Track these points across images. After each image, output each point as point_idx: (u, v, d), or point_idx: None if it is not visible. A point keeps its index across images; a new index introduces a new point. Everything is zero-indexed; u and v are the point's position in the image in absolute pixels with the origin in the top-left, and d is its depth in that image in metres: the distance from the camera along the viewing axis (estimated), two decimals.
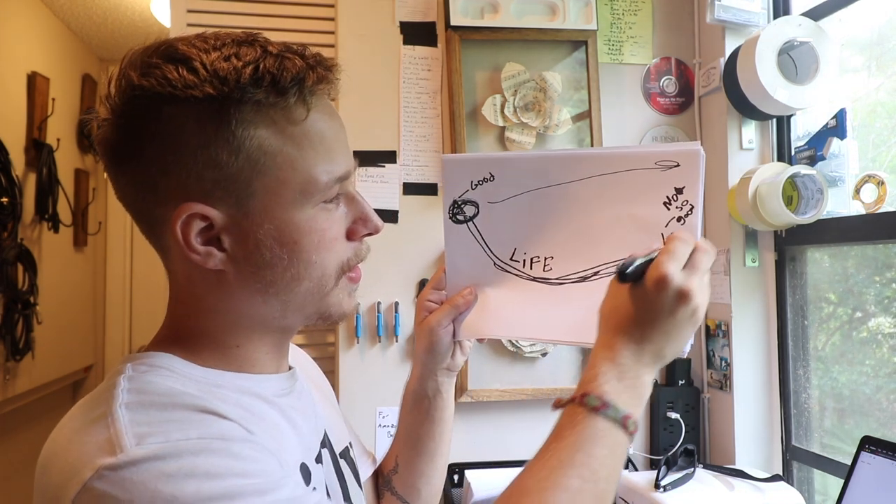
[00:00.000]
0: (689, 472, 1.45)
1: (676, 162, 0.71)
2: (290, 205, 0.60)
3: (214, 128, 0.57)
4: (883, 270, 1.43)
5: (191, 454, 0.51)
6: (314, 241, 0.61)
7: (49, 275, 2.93)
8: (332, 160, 0.62)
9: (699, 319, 0.64)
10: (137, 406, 0.54)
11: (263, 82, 0.57)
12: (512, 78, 1.68)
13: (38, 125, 2.86)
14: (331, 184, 0.62)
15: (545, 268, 0.77)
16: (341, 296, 0.66)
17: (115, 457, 0.50)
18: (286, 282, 0.61)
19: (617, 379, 0.61)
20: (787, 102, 1.48)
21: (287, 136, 0.59)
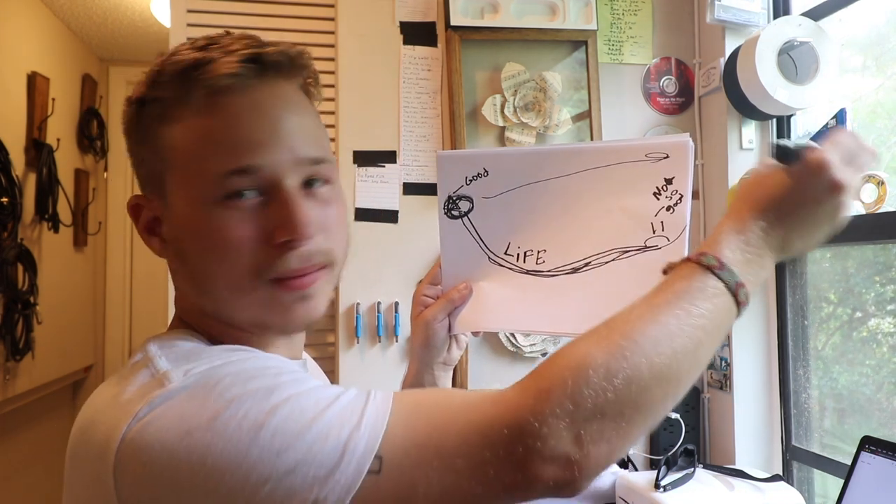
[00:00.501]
0: (689, 472, 1.45)
1: (666, 154, 0.72)
2: (195, 200, 0.59)
3: (136, 128, 0.63)
4: (883, 270, 1.43)
5: (234, 363, 0.54)
6: (214, 238, 0.59)
7: (49, 275, 2.93)
8: (234, 154, 0.58)
9: (839, 220, 0.62)
10: (175, 355, 0.56)
11: (165, 77, 0.60)
12: (512, 78, 1.68)
13: (38, 125, 2.86)
14: (224, 177, 0.58)
15: (538, 261, 0.79)
16: (271, 304, 0.60)
17: (164, 388, 0.51)
18: (202, 277, 0.61)
19: (741, 249, 0.59)
20: (787, 102, 1.48)
21: (192, 130, 0.59)
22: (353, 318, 1.62)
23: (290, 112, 0.61)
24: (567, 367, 0.52)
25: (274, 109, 0.60)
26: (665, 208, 0.72)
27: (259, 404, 0.50)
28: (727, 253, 0.58)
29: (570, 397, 0.50)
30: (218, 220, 0.58)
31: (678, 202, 0.72)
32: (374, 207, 1.65)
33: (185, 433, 0.49)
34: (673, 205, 0.72)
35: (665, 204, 0.72)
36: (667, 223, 0.73)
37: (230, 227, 0.58)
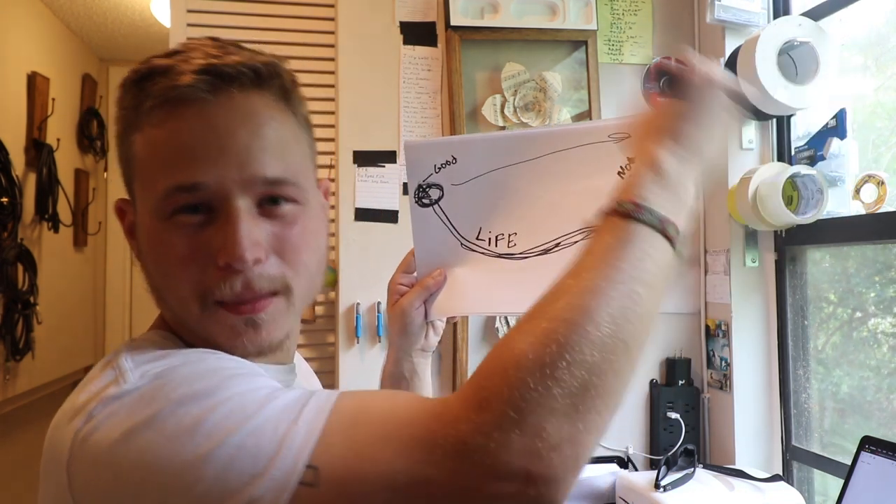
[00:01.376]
0: (689, 472, 1.45)
1: (628, 133, 0.73)
2: (150, 211, 0.57)
3: (117, 131, 0.61)
4: (883, 270, 1.43)
5: (191, 364, 0.52)
6: (163, 252, 0.57)
7: (49, 275, 2.93)
8: (178, 169, 0.55)
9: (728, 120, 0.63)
10: (139, 355, 0.55)
11: (130, 85, 0.59)
12: (512, 78, 1.67)
13: (38, 125, 2.86)
14: (169, 193, 0.55)
15: (509, 244, 0.80)
16: (217, 327, 0.57)
17: (119, 387, 0.51)
18: (156, 288, 0.60)
19: (656, 184, 0.56)
20: (787, 102, 1.47)
21: (147, 140, 0.57)
22: (353, 318, 1.62)
23: (247, 127, 0.56)
24: (500, 372, 0.46)
25: (226, 123, 0.56)
26: None
27: (200, 402, 0.49)
28: (641, 192, 0.55)
29: (511, 405, 0.44)
30: (166, 236, 0.56)
31: None
32: (374, 207, 1.65)
33: (128, 432, 0.48)
34: None
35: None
36: None
37: (175, 245, 0.56)
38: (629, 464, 1.69)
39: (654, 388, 1.71)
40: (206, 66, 0.56)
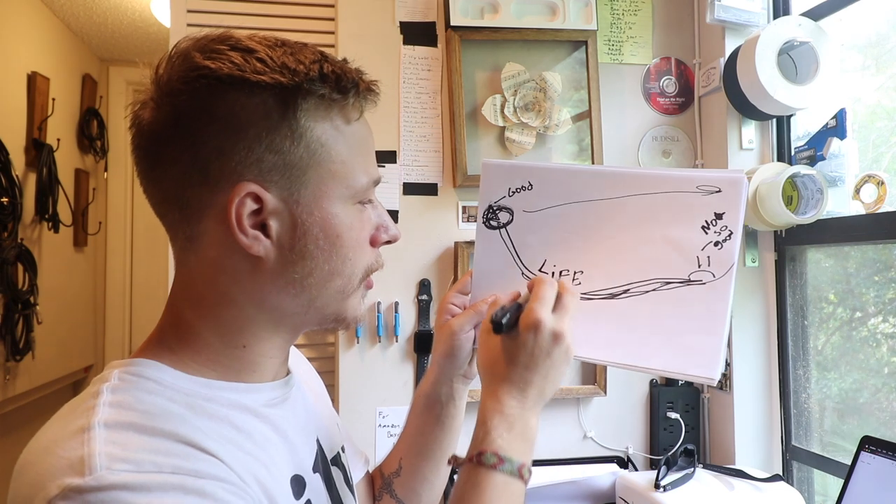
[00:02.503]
0: (689, 472, 1.45)
1: (718, 188, 0.71)
2: (337, 198, 0.62)
3: (280, 114, 0.59)
4: (883, 270, 1.43)
5: (160, 490, 0.50)
6: (353, 237, 0.64)
7: (49, 275, 2.93)
8: (370, 164, 0.66)
9: (571, 357, 0.68)
10: (116, 425, 0.53)
11: (329, 79, 0.61)
12: (512, 78, 1.68)
13: (38, 125, 2.86)
14: (369, 185, 0.65)
15: (574, 282, 0.77)
16: (356, 301, 0.68)
17: (82, 478, 0.49)
18: (322, 275, 0.63)
19: (507, 430, 0.65)
20: (787, 102, 1.48)
21: (341, 132, 0.63)
22: None
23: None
24: None
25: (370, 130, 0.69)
26: (713, 243, 0.71)
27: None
28: (500, 442, 0.64)
29: None
30: (358, 221, 0.64)
31: (727, 238, 0.71)
32: None
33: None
34: (721, 241, 0.71)
35: (713, 239, 0.71)
36: (713, 259, 0.71)
37: (363, 229, 0.65)
38: (629, 464, 1.69)
39: (654, 388, 1.71)
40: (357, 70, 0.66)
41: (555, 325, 0.66)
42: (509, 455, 0.64)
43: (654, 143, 1.77)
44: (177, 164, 0.59)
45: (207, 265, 0.62)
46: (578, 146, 1.72)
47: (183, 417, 0.56)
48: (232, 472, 0.55)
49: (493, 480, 0.63)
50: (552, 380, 0.68)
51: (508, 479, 0.63)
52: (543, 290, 0.68)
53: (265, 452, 0.61)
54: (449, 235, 1.67)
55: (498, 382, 0.67)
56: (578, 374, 1.71)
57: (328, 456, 0.75)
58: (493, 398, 0.67)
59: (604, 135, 1.71)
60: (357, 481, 0.88)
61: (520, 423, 0.66)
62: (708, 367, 0.68)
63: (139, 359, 0.61)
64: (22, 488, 0.52)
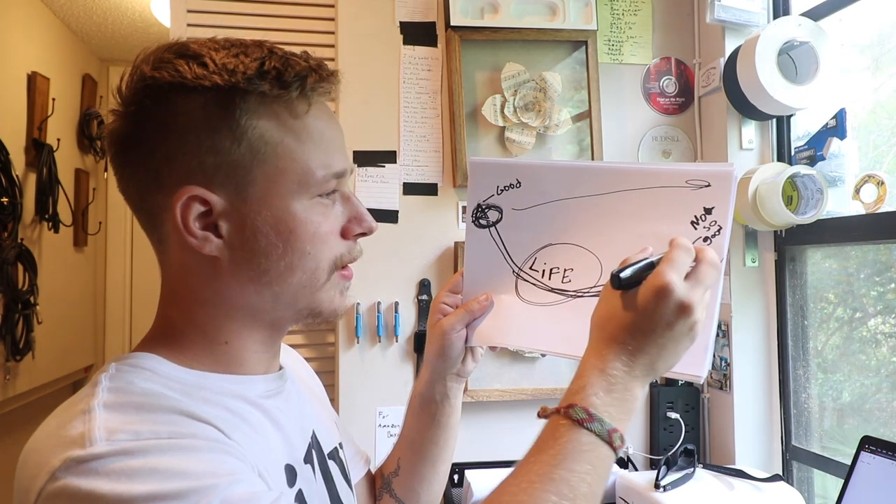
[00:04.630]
0: (689, 472, 1.45)
1: (708, 182, 0.69)
2: (287, 194, 0.62)
3: (220, 116, 0.60)
4: (883, 270, 1.43)
5: (158, 451, 0.51)
6: (309, 231, 0.63)
7: (49, 275, 2.93)
8: (330, 157, 0.64)
9: (696, 335, 0.61)
10: (115, 405, 0.55)
11: (268, 76, 0.60)
12: (512, 78, 1.68)
13: (38, 125, 2.86)
14: (327, 178, 0.64)
15: (564, 279, 0.76)
16: (333, 293, 0.66)
17: (84, 449, 0.51)
18: (280, 271, 0.62)
19: (605, 391, 0.59)
20: (787, 102, 1.48)
21: (288, 128, 0.62)
22: (353, 318, 1.62)
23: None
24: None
25: (336, 119, 0.68)
26: (702, 239, 0.69)
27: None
28: (594, 400, 0.58)
29: None
30: (318, 215, 0.63)
31: (716, 234, 0.69)
32: (374, 207, 1.65)
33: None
34: (711, 236, 0.69)
35: (702, 234, 0.69)
36: None
37: (325, 222, 0.64)
38: (629, 464, 1.69)
39: (654, 388, 1.71)
40: (318, 63, 0.63)
41: (685, 294, 0.59)
42: (601, 415, 0.57)
43: (654, 143, 1.77)
44: (136, 173, 0.62)
45: (177, 267, 0.64)
46: (578, 146, 1.72)
47: (179, 398, 0.58)
48: (229, 439, 0.57)
49: (577, 437, 0.56)
50: (668, 355, 0.61)
51: (595, 441, 0.57)
52: (678, 254, 0.61)
53: (261, 436, 0.62)
54: (449, 235, 1.67)
55: (607, 341, 0.61)
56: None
57: (325, 449, 0.75)
58: (597, 356, 0.61)
59: (604, 135, 1.71)
60: (357, 480, 0.88)
61: (620, 387, 0.59)
62: (695, 365, 0.66)
63: (137, 352, 0.63)
64: (27, 470, 0.54)
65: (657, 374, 0.62)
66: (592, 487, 0.56)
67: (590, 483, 0.56)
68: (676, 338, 0.60)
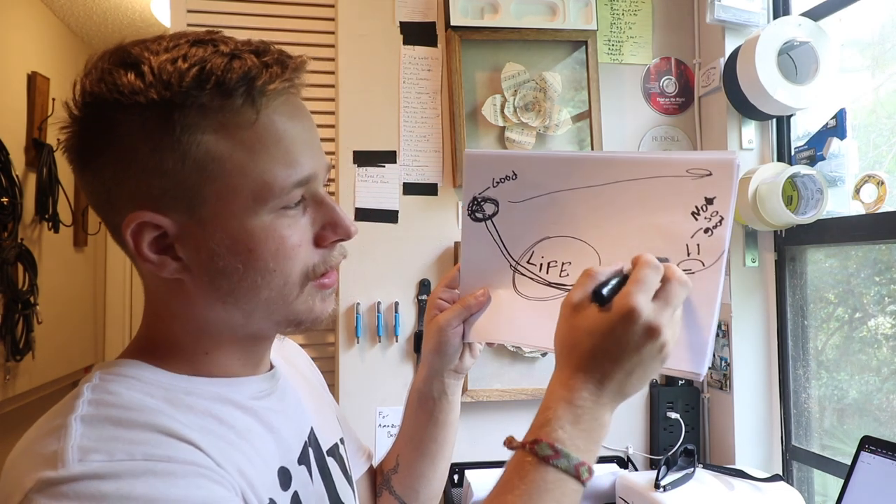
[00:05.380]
0: (689, 472, 1.45)
1: (709, 171, 0.67)
2: (243, 212, 0.57)
3: (160, 134, 0.55)
4: (883, 270, 1.43)
5: (131, 476, 0.50)
6: (272, 248, 0.58)
7: (49, 275, 2.93)
8: (291, 163, 0.58)
9: (666, 357, 0.59)
10: (93, 419, 0.53)
11: (207, 84, 0.54)
12: (512, 78, 1.68)
13: (38, 125, 2.86)
14: (288, 189, 0.58)
15: (562, 273, 0.74)
16: (311, 302, 0.62)
17: (56, 471, 0.50)
18: (244, 291, 0.59)
19: (572, 423, 0.57)
20: (786, 102, 1.48)
21: (237, 140, 0.56)
22: (353, 318, 1.62)
23: (311, 118, 0.62)
24: None
25: (308, 117, 0.61)
26: (703, 230, 0.67)
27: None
28: (560, 434, 0.57)
29: None
30: (283, 229, 0.59)
31: (718, 225, 0.67)
32: (374, 207, 1.65)
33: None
34: (712, 227, 0.67)
35: (703, 225, 0.67)
36: (703, 246, 0.67)
37: (291, 236, 0.59)
38: (629, 464, 1.70)
39: (654, 388, 1.71)
40: (275, 57, 0.57)
41: (653, 317, 0.57)
42: (567, 450, 0.56)
43: (654, 143, 1.77)
44: (92, 192, 0.60)
45: (148, 282, 0.63)
46: (578, 146, 1.72)
47: (161, 410, 0.56)
48: (208, 458, 0.55)
49: (542, 476, 0.55)
50: (636, 379, 0.59)
51: (562, 477, 0.56)
52: (644, 273, 0.59)
53: (248, 444, 0.60)
54: (449, 235, 1.67)
55: (573, 369, 0.59)
56: None
57: (324, 447, 0.74)
58: (563, 385, 0.59)
59: (604, 135, 1.71)
60: (359, 476, 0.88)
61: (588, 417, 0.58)
62: (694, 362, 0.65)
63: (122, 359, 0.62)
64: (5, 486, 0.53)
65: (626, 398, 0.61)
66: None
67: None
68: (645, 362, 0.58)
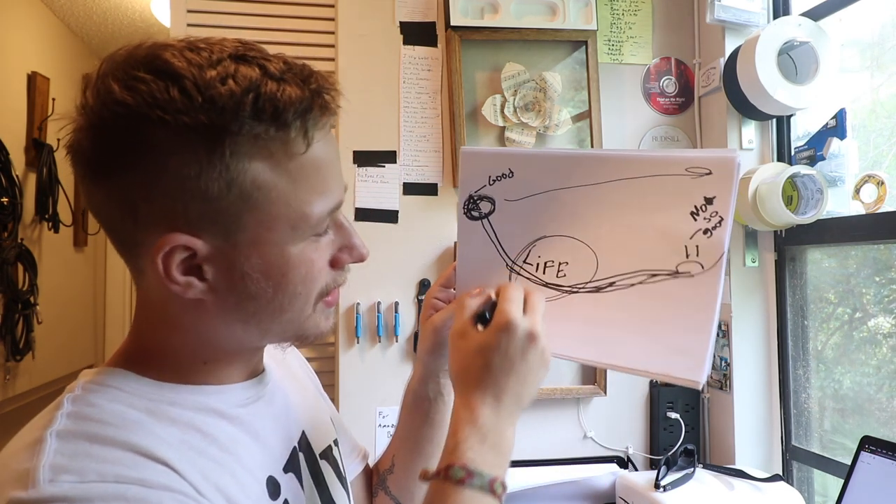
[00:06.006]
0: (689, 472, 1.45)
1: (709, 169, 0.66)
2: (280, 239, 0.57)
3: (207, 158, 0.52)
4: (883, 270, 1.43)
5: (101, 500, 0.49)
6: (301, 273, 0.59)
7: (49, 275, 2.93)
8: (326, 193, 0.59)
9: (548, 360, 0.65)
10: (68, 435, 0.52)
11: (264, 115, 0.53)
12: (512, 78, 1.68)
13: (38, 125, 2.86)
14: (322, 218, 0.59)
15: (559, 273, 0.73)
16: (319, 319, 0.63)
17: (25, 491, 0.49)
18: (269, 313, 0.60)
19: (479, 442, 0.61)
20: (786, 102, 1.48)
21: (283, 169, 0.55)
22: (353, 318, 1.62)
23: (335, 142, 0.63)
24: None
25: (335, 142, 0.62)
26: (702, 231, 0.67)
27: None
28: (470, 455, 0.61)
29: None
30: (311, 254, 0.60)
31: (717, 225, 0.66)
32: (374, 207, 1.65)
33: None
34: (711, 228, 0.66)
35: (702, 226, 0.67)
36: (702, 248, 0.67)
37: (318, 260, 0.61)
38: (629, 464, 1.69)
39: (654, 388, 1.71)
40: (320, 84, 0.56)
41: (528, 325, 0.64)
42: (479, 469, 0.60)
43: (654, 143, 1.77)
44: (109, 202, 0.56)
45: (155, 297, 0.60)
46: (578, 146, 1.72)
47: (140, 424, 0.55)
48: (184, 482, 0.54)
49: (460, 496, 0.59)
50: (529, 385, 0.64)
51: (478, 495, 0.59)
52: (510, 291, 0.66)
53: (232, 456, 0.60)
54: (449, 235, 1.67)
55: (471, 390, 0.64)
56: (578, 375, 1.71)
57: (316, 450, 0.74)
58: (465, 407, 0.63)
59: (604, 135, 1.71)
60: (354, 477, 0.87)
61: (493, 433, 0.62)
62: (694, 370, 0.65)
63: (106, 367, 0.61)
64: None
65: (524, 406, 0.65)
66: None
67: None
68: (533, 368, 0.64)
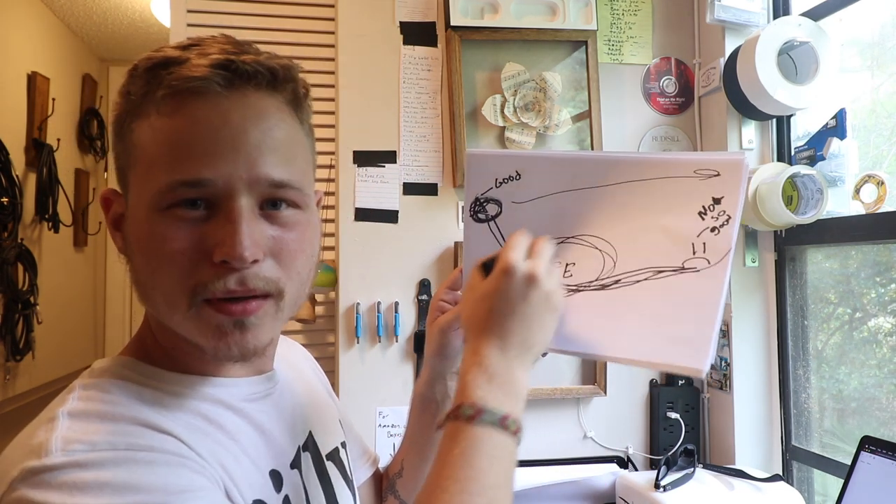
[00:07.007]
0: (689, 472, 1.45)
1: (717, 171, 0.67)
2: (147, 203, 0.56)
3: (116, 120, 0.60)
4: (883, 270, 1.43)
5: (112, 464, 0.50)
6: (155, 246, 0.56)
7: (49, 275, 2.93)
8: (186, 163, 0.55)
9: (556, 306, 0.64)
10: (80, 413, 0.54)
11: (139, 72, 0.58)
12: (512, 78, 1.68)
13: (38, 125, 2.86)
14: (173, 186, 0.55)
15: (565, 273, 0.74)
16: (202, 326, 0.57)
17: (40, 460, 0.50)
18: (142, 283, 0.58)
19: (487, 381, 0.60)
20: (786, 102, 1.48)
21: (154, 130, 0.56)
22: (353, 318, 1.62)
23: (259, 126, 0.56)
24: None
25: (239, 121, 0.56)
26: (710, 229, 0.67)
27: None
28: (479, 393, 0.59)
29: None
30: (161, 228, 0.55)
31: (725, 224, 0.67)
32: (374, 207, 1.65)
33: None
34: (719, 226, 0.67)
35: (710, 224, 0.68)
36: (709, 245, 0.67)
37: (170, 238, 0.55)
38: (629, 464, 1.70)
39: (654, 388, 1.72)
40: (224, 61, 0.56)
41: (528, 267, 0.63)
42: (489, 405, 0.58)
43: (654, 143, 1.77)
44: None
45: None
46: (578, 146, 1.72)
47: (149, 405, 0.57)
48: (192, 451, 0.55)
49: (472, 434, 0.56)
50: (536, 328, 0.63)
51: (490, 431, 0.57)
52: (515, 239, 0.66)
53: (236, 444, 0.60)
54: (449, 235, 1.67)
55: (476, 335, 0.63)
56: (578, 374, 1.71)
57: (323, 451, 0.74)
58: (472, 353, 0.62)
59: (604, 135, 1.71)
60: (363, 481, 0.87)
61: (501, 373, 0.60)
62: (697, 358, 0.64)
63: (118, 356, 0.62)
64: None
65: (534, 352, 0.64)
66: (498, 478, 0.56)
67: (495, 474, 0.56)
68: (537, 310, 0.63)
